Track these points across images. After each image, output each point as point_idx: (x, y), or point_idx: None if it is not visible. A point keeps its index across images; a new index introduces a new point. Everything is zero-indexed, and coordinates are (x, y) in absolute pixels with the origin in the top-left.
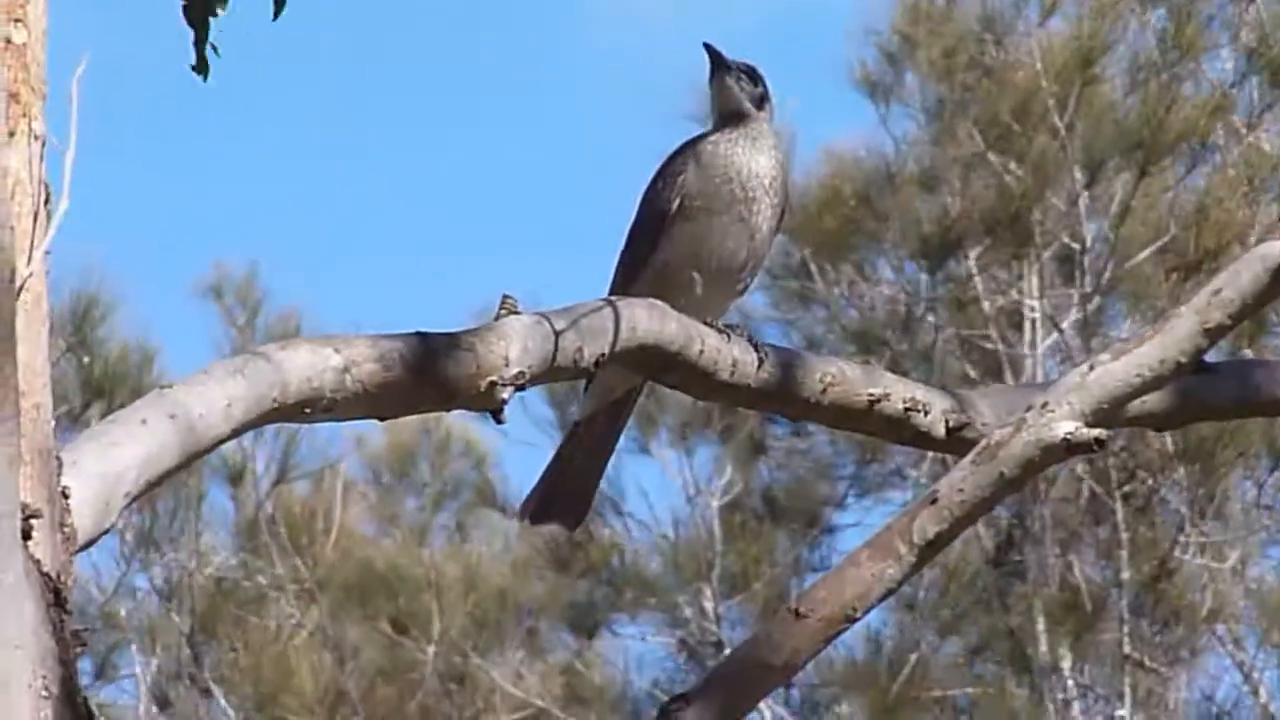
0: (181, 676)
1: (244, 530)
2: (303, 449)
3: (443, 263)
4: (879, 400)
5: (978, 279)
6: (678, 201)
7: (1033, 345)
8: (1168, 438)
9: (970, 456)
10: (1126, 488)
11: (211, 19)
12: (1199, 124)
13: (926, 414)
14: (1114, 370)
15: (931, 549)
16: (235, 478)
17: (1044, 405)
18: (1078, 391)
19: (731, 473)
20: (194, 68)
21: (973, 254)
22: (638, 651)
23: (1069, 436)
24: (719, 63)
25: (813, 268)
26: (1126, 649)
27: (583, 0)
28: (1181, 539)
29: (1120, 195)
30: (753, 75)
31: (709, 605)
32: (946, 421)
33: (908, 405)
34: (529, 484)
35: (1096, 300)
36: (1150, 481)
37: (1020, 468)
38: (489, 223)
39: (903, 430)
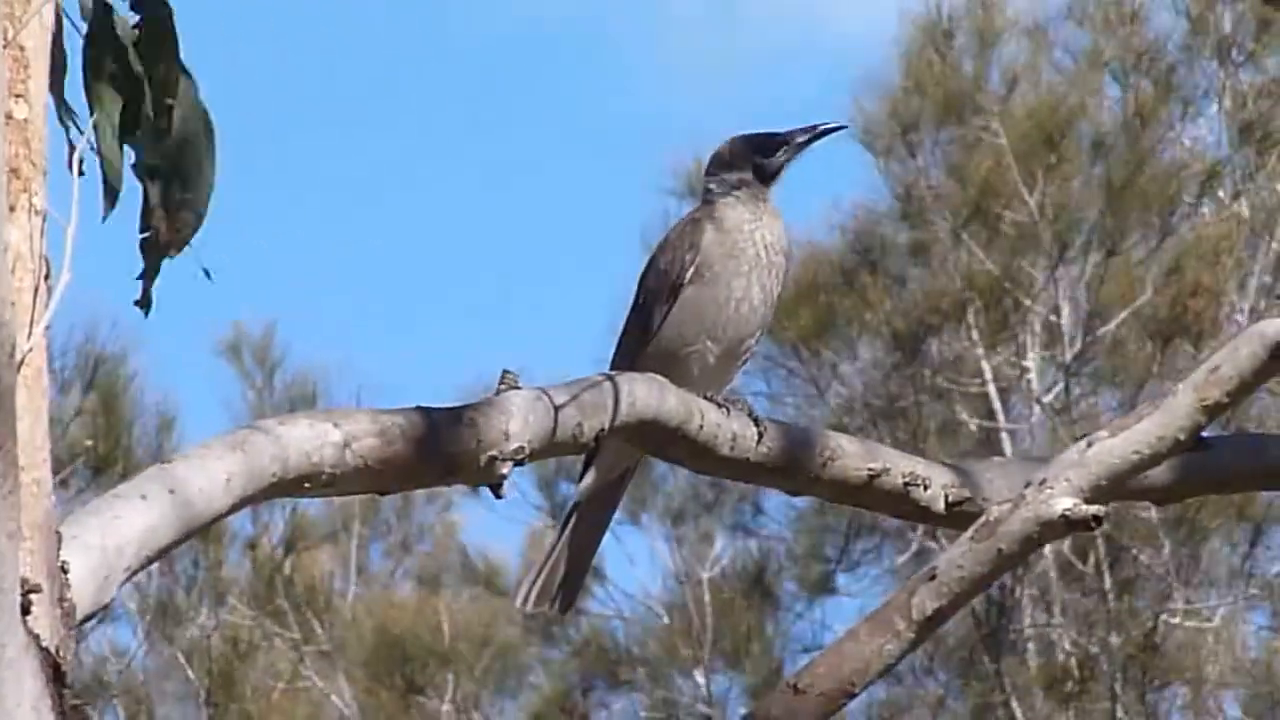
0: None
1: (260, 592)
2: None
3: (467, 327)
4: (878, 475)
5: (968, 353)
6: (693, 269)
7: (1016, 418)
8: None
9: (969, 533)
10: (1112, 556)
11: (166, 260)
12: (1167, 191)
13: (926, 488)
14: (1112, 447)
15: (930, 624)
16: (252, 543)
17: (1042, 482)
18: (1076, 468)
19: (721, 545)
20: (137, 302)
21: (952, 332)
22: None
23: (1067, 513)
24: (804, 143)
25: (798, 349)
26: (1119, 714)
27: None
28: (1169, 605)
29: (1093, 267)
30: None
31: (701, 680)
32: (946, 496)
33: (907, 480)
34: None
35: (1075, 372)
36: (1135, 550)
37: (1019, 544)
38: (514, 287)
39: (903, 505)
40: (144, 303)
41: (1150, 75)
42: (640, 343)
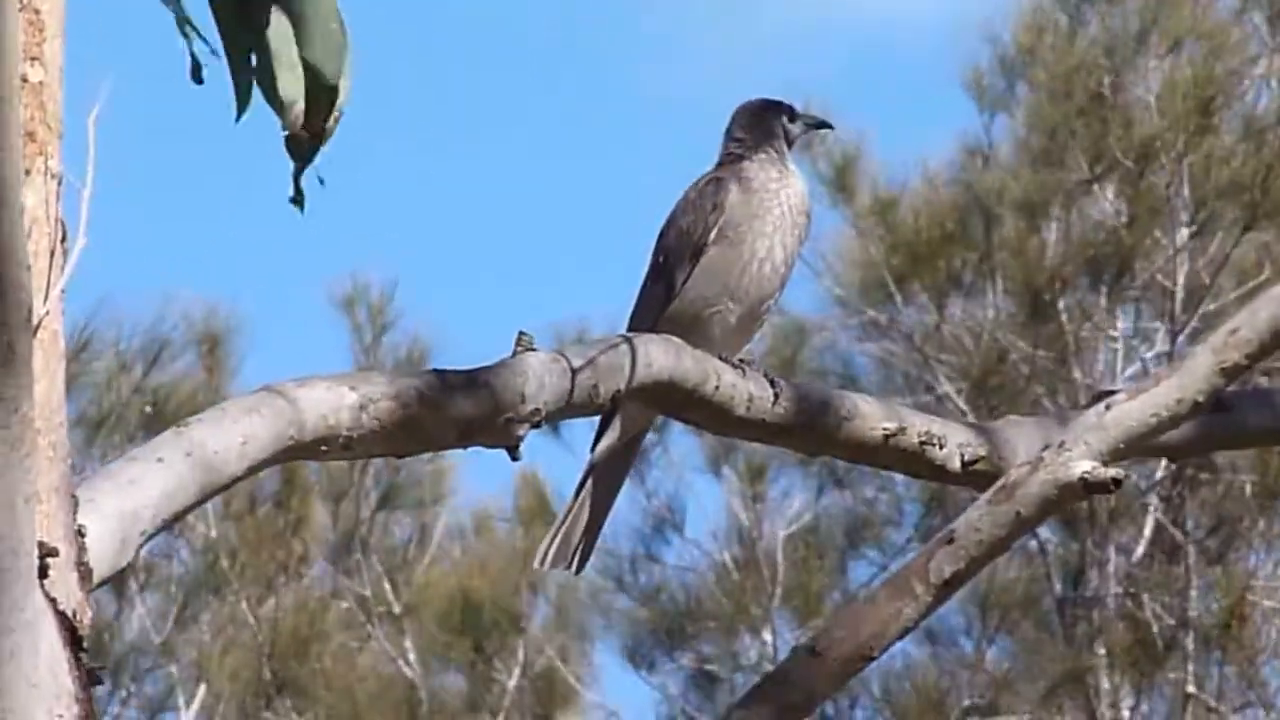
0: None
1: (339, 550)
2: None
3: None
4: (895, 434)
5: (1068, 313)
6: (716, 229)
7: (1113, 380)
8: (1247, 481)
9: (987, 496)
10: (1201, 527)
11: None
12: None
13: (942, 447)
14: (1131, 410)
15: (948, 588)
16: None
17: (1061, 444)
18: (1095, 431)
19: (800, 501)
20: (291, 200)
21: (1067, 291)
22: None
23: (1086, 476)
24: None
25: (898, 299)
26: (1190, 689)
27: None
28: (1253, 582)
29: (1221, 242)
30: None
31: (768, 638)
32: (962, 455)
33: (923, 439)
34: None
35: (1182, 340)
36: (1225, 521)
37: (1037, 507)
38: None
39: (918, 464)
40: (298, 200)
41: None
42: (662, 304)
